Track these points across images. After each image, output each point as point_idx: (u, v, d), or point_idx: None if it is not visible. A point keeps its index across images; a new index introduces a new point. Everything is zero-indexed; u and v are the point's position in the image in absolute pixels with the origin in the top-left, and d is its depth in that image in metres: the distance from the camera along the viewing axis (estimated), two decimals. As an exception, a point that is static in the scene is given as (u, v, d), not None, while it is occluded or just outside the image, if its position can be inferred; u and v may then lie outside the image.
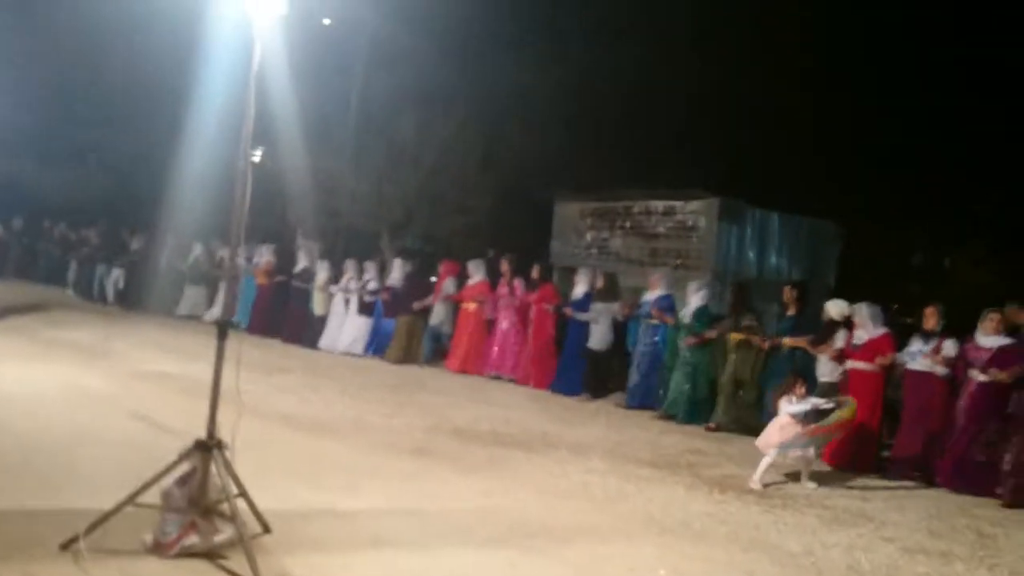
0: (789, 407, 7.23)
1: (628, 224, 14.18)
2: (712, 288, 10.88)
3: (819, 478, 7.45)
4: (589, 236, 14.76)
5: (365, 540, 4.77)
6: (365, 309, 13.60)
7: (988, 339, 7.86)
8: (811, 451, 7.29)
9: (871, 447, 8.21)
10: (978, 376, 7.78)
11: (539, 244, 15.37)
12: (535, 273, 12.38)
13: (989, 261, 17.80)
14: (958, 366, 8.00)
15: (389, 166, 16.77)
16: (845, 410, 7.31)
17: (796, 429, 7.15)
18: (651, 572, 4.80)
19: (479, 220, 17.28)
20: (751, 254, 13.07)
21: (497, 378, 12.21)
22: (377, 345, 13.41)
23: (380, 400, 9.67)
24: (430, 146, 16.73)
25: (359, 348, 13.51)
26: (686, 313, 10.40)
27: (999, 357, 7.70)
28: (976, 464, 7.65)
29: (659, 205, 13.70)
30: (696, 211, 13.10)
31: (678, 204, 13.40)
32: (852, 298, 9.08)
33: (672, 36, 18.56)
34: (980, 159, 17.61)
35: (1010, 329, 7.90)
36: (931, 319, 8.34)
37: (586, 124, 18.72)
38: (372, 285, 13.61)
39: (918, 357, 8.19)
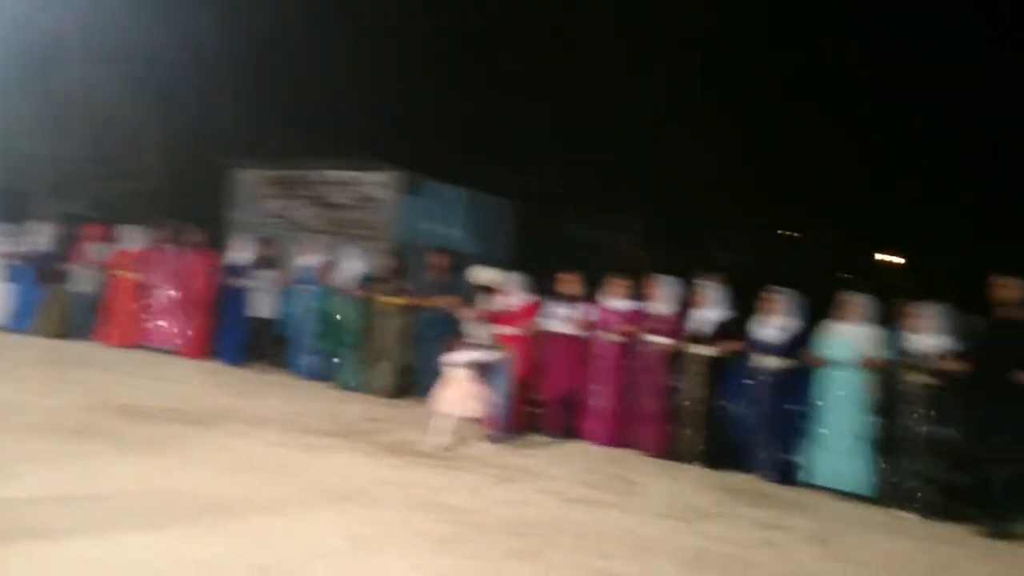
0: (455, 358, 7.66)
1: (310, 194, 14.02)
2: (370, 255, 10.90)
3: (488, 438, 7.87)
4: (271, 205, 14.41)
5: (13, 531, 4.39)
6: (7, 276, 12.28)
7: (616, 303, 8.66)
8: (480, 413, 7.71)
9: (526, 407, 8.62)
10: (608, 337, 8.53)
11: (220, 212, 14.74)
12: (195, 238, 11.83)
13: (648, 237, 19.78)
14: (594, 328, 8.67)
15: (49, 123, 15.22)
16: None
17: (467, 387, 7.56)
18: (328, 541, 4.85)
19: (154, 186, 16.23)
20: (430, 226, 13.45)
21: (160, 350, 11.53)
22: (28, 317, 12.16)
23: (34, 378, 8.84)
24: (98, 104, 15.39)
25: (3, 319, 12.21)
26: (345, 279, 10.44)
27: (626, 318, 8.50)
28: (621, 418, 8.40)
29: (341, 176, 13.68)
30: (377, 183, 13.24)
31: (360, 176, 13.47)
32: (524, 270, 9.53)
33: (351, 12, 18.48)
34: (637, 144, 19.33)
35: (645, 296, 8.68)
36: (570, 285, 8.92)
37: (268, 92, 18.18)
38: (8, 249, 12.31)
39: (559, 321, 8.76)
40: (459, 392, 7.57)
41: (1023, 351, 6.47)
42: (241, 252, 11.41)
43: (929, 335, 7.04)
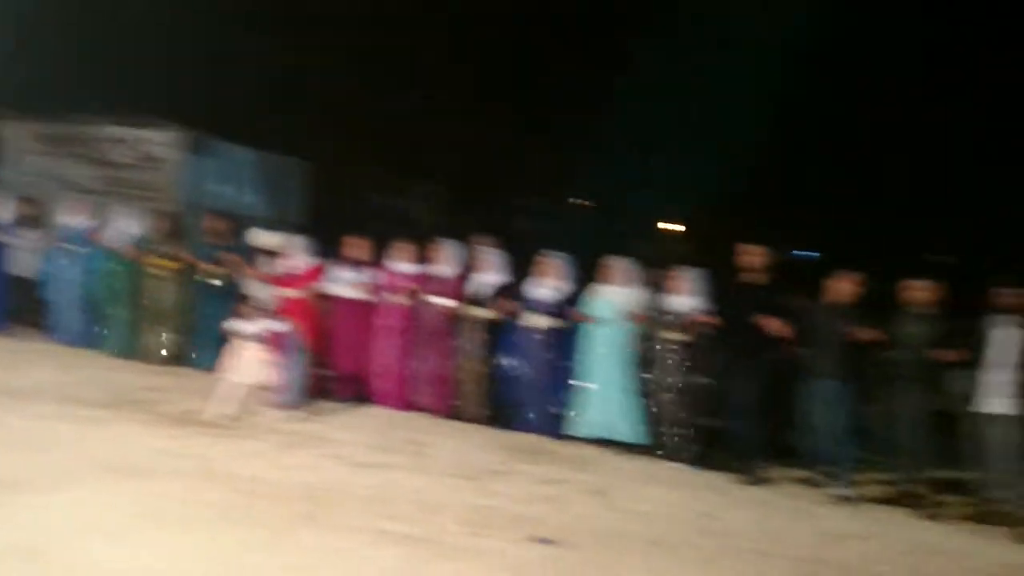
0: (243, 328, 7.53)
1: (87, 152, 13.14)
2: (145, 216, 10.42)
3: (276, 406, 7.71)
4: (42, 162, 13.39)
5: None
6: None
7: (401, 266, 8.74)
8: (272, 378, 7.62)
9: (315, 373, 8.45)
10: (393, 300, 8.62)
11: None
12: None
13: (445, 203, 20.01)
14: (380, 292, 8.73)
15: None
16: None
17: (256, 354, 7.45)
18: (105, 517, 4.69)
19: None
20: (218, 188, 12.96)
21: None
22: None
23: None
24: None
25: None
26: (116, 240, 9.92)
27: (411, 282, 8.60)
28: (408, 381, 8.54)
29: (121, 133, 12.91)
30: (161, 142, 12.61)
31: (141, 133, 12.77)
32: (317, 234, 9.36)
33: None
34: (435, 112, 19.41)
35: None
36: (358, 249, 8.90)
37: (42, 41, 16.75)
38: None
39: (345, 285, 8.72)
40: (247, 359, 7.45)
41: (761, 310, 7.13)
42: (0, 211, 10.60)
43: (685, 296, 7.65)
